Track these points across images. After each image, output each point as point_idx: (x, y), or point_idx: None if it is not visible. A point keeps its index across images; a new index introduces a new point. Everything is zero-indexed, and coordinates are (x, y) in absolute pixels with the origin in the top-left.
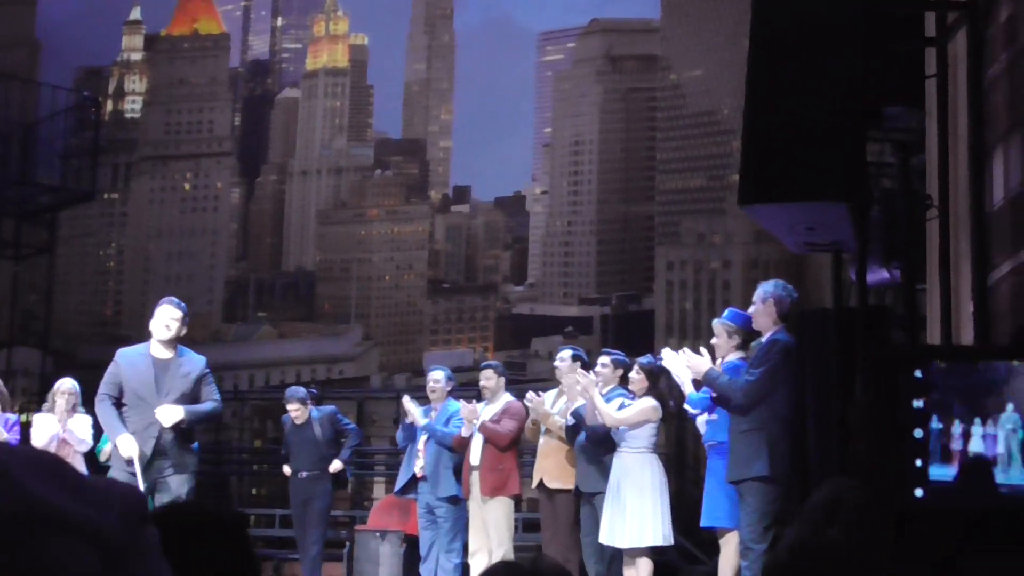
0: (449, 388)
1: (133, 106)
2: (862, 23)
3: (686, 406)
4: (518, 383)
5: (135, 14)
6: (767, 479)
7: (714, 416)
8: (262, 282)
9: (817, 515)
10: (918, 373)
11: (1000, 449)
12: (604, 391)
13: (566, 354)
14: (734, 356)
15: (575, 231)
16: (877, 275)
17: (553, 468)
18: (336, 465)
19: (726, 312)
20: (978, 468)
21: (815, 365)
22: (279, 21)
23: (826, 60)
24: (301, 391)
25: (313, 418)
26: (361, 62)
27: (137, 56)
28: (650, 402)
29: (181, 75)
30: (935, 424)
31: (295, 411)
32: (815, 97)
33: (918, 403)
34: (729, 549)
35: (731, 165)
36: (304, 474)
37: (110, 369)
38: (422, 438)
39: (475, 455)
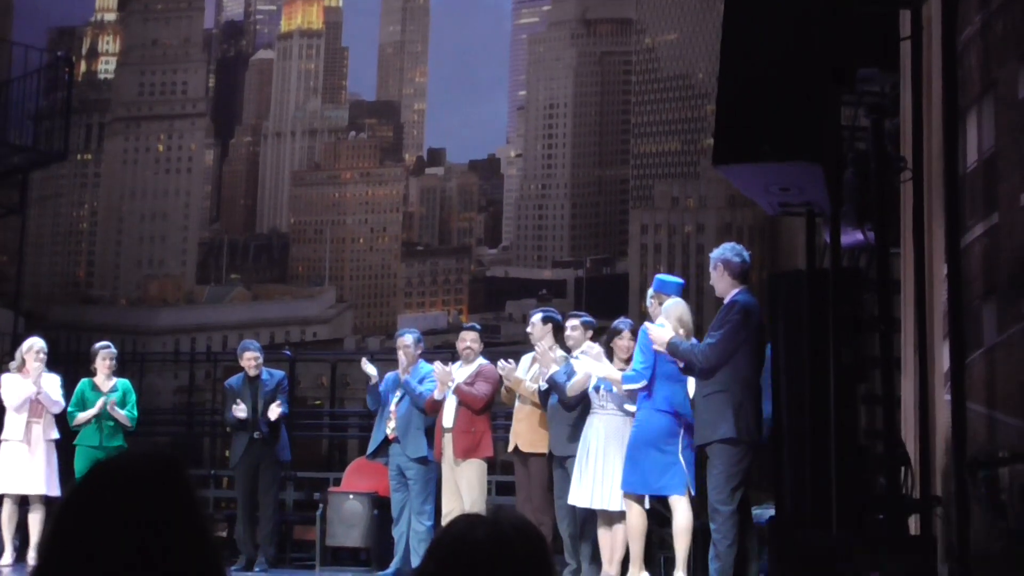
0: (419, 351)
1: (106, 67)
2: None
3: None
4: (492, 346)
5: None
6: (733, 440)
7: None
8: (235, 244)
9: None
10: None
11: None
12: (576, 354)
13: (537, 318)
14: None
15: (549, 194)
16: (851, 237)
17: (527, 432)
18: (274, 412)
19: (654, 281)
20: None
21: (788, 327)
22: None
23: (800, 22)
24: (257, 343)
25: (263, 379)
26: (336, 24)
27: (111, 16)
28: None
29: (155, 36)
30: None
31: (256, 359)
32: (789, 58)
33: None
34: (633, 513)
35: (705, 129)
36: (257, 435)
37: None
38: (394, 400)
39: (448, 417)
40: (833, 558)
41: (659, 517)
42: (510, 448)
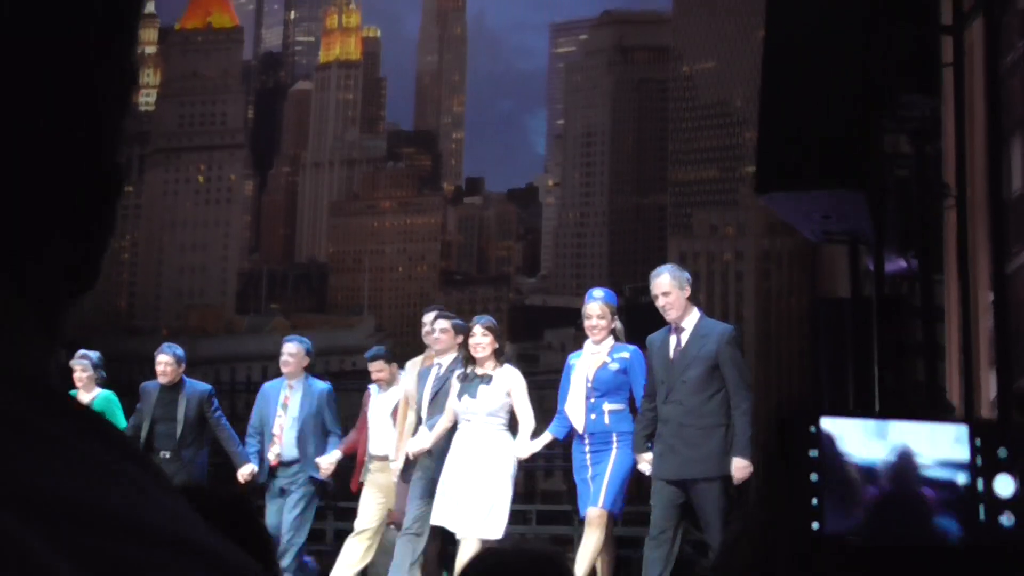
0: (306, 363)
1: (147, 99)
2: (878, 11)
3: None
4: (532, 375)
5: (149, 7)
6: (728, 476)
7: (619, 406)
8: (275, 274)
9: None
10: (812, 429)
11: None
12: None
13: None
14: (611, 342)
15: (587, 222)
16: (894, 264)
17: None
18: (246, 470)
19: (602, 293)
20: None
21: (832, 356)
22: (292, 14)
23: (842, 48)
24: (178, 348)
25: (184, 389)
26: (373, 54)
27: (151, 49)
28: (516, 374)
29: (194, 68)
30: None
31: (166, 364)
32: (831, 85)
33: (814, 452)
34: (600, 532)
35: (744, 156)
36: (165, 454)
37: None
38: (277, 421)
39: (387, 446)
40: None
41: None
42: None
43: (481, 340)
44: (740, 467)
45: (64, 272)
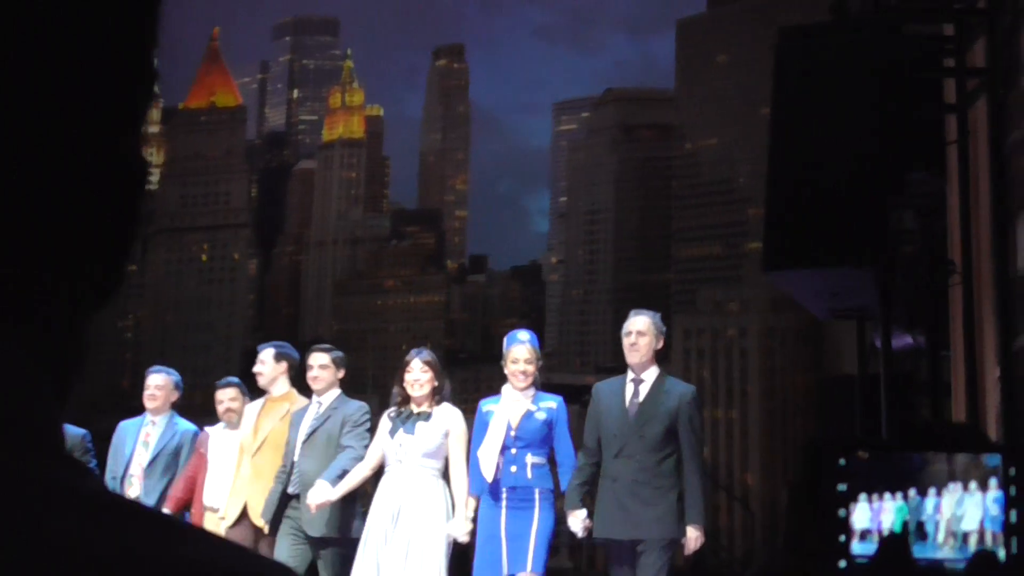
0: (175, 398)
1: (150, 179)
2: (883, 91)
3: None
4: None
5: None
6: (677, 541)
7: (541, 460)
8: None
9: None
10: (842, 462)
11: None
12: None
13: (269, 354)
14: (533, 390)
15: (592, 300)
16: (901, 341)
17: None
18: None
19: (528, 335)
20: (895, 543)
21: (839, 432)
22: (295, 93)
23: (848, 127)
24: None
25: None
26: (377, 133)
27: (154, 129)
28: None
29: (198, 147)
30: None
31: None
32: (838, 164)
33: (842, 487)
34: None
35: (748, 233)
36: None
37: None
38: (136, 459)
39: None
40: None
41: None
42: None
43: (420, 377)
44: (695, 537)
45: (86, 282)
